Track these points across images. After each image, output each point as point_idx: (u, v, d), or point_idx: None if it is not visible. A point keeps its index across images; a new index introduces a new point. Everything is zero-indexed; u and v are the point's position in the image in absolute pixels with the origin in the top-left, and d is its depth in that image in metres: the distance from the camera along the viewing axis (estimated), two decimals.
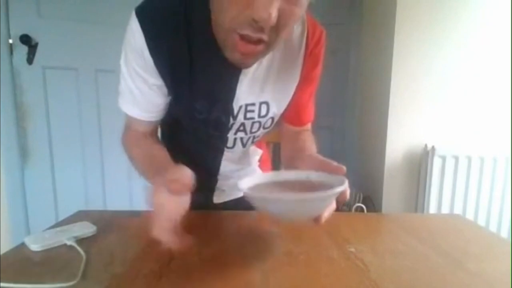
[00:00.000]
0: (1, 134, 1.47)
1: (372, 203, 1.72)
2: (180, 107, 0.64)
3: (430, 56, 1.56)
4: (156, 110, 0.64)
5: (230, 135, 0.69)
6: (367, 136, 1.92)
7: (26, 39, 1.45)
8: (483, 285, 0.41)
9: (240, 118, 0.65)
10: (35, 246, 0.48)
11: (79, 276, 0.40)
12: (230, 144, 0.72)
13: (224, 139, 0.70)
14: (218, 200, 0.82)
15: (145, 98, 0.60)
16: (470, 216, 1.56)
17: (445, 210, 1.57)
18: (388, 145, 1.63)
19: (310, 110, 0.74)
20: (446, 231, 0.60)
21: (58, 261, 0.45)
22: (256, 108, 0.65)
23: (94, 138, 1.66)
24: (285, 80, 0.65)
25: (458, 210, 1.57)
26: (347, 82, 2.12)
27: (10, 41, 1.46)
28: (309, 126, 0.77)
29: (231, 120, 0.65)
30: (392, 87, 1.58)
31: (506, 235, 1.60)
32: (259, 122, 0.68)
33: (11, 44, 1.46)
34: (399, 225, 0.63)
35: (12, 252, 0.48)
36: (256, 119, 0.66)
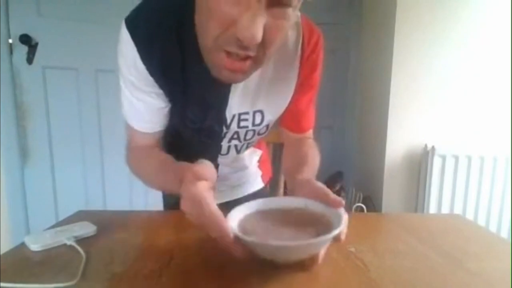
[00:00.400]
0: (1, 134, 1.47)
1: (372, 203, 1.72)
2: (173, 116, 0.63)
3: (430, 56, 1.56)
4: (159, 119, 0.62)
5: (224, 143, 0.69)
6: (367, 136, 1.92)
7: (26, 39, 1.45)
8: (483, 284, 0.41)
9: (233, 126, 0.64)
10: (35, 246, 0.48)
11: (79, 276, 0.40)
12: (224, 151, 0.71)
13: (218, 147, 0.70)
14: (216, 201, 0.82)
15: (146, 108, 0.59)
16: (470, 216, 1.56)
17: (445, 210, 1.57)
18: (388, 145, 1.63)
19: (310, 116, 0.73)
20: (446, 231, 0.60)
21: (58, 261, 0.45)
22: (249, 116, 0.64)
23: (94, 138, 1.66)
24: (280, 87, 0.63)
25: (458, 210, 1.57)
26: (347, 82, 2.12)
27: (10, 40, 1.46)
28: (310, 133, 0.75)
29: (224, 129, 0.64)
30: (392, 87, 1.58)
31: (506, 235, 1.60)
32: (253, 130, 0.67)
33: (11, 44, 1.46)
34: (399, 225, 0.62)
35: (12, 252, 0.48)
36: (250, 127, 0.65)
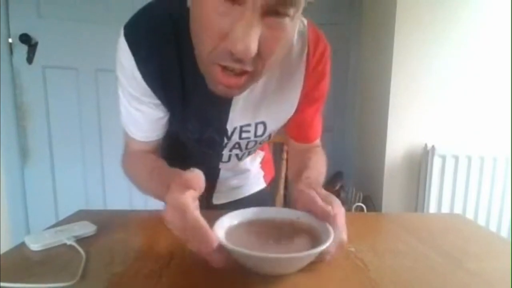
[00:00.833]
0: (1, 134, 1.47)
1: (372, 203, 1.72)
2: (173, 124, 0.62)
3: (430, 56, 1.56)
4: (156, 129, 0.61)
5: (225, 152, 0.68)
6: (367, 136, 1.92)
7: (26, 39, 1.45)
8: (483, 284, 0.41)
9: (235, 138, 0.63)
10: (35, 246, 0.48)
11: (79, 276, 0.40)
12: (225, 159, 0.71)
13: (219, 155, 0.69)
14: (217, 202, 0.82)
15: (144, 118, 0.58)
16: (470, 215, 1.56)
17: (445, 209, 1.57)
18: (388, 145, 1.63)
19: (317, 126, 0.71)
20: (446, 231, 0.60)
21: (58, 260, 0.45)
22: (252, 128, 0.62)
23: (94, 138, 1.66)
24: (283, 99, 0.61)
25: (458, 210, 1.57)
26: (347, 82, 2.12)
27: (10, 40, 1.46)
28: (317, 142, 0.74)
29: (225, 140, 0.64)
30: (392, 87, 1.58)
31: (506, 234, 1.60)
32: (255, 141, 0.66)
33: (11, 44, 1.46)
34: (399, 224, 0.62)
35: (12, 252, 0.48)
36: (252, 138, 0.64)
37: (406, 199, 1.67)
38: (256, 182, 0.89)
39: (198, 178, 0.40)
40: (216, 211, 0.68)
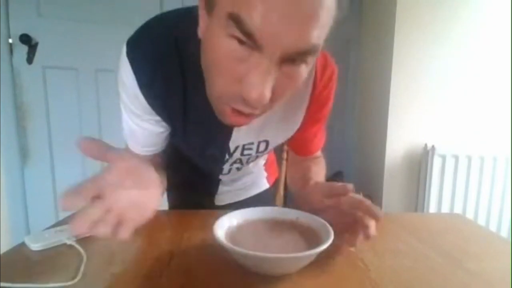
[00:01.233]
0: (1, 134, 1.47)
1: (372, 203, 1.72)
2: (174, 138, 0.62)
3: (430, 56, 1.56)
4: (156, 144, 0.61)
5: (226, 166, 0.68)
6: (367, 136, 1.92)
7: (26, 39, 1.45)
8: (483, 284, 0.41)
9: (236, 155, 0.63)
10: (35, 246, 0.48)
11: (79, 276, 0.40)
12: (225, 172, 0.71)
13: (219, 169, 0.70)
14: (219, 203, 0.82)
15: (144, 134, 0.58)
16: (470, 215, 1.56)
17: (445, 209, 1.57)
18: (388, 145, 1.63)
19: (319, 141, 0.71)
20: (446, 231, 0.60)
21: (58, 260, 0.45)
22: (254, 146, 0.62)
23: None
24: (288, 120, 0.60)
25: (458, 210, 1.57)
26: (347, 82, 2.12)
27: (10, 40, 1.46)
28: (318, 153, 0.74)
29: (226, 157, 0.64)
30: (392, 87, 1.58)
31: (506, 234, 1.60)
32: (257, 156, 0.66)
33: (11, 44, 1.46)
34: (399, 224, 0.62)
35: (12, 252, 0.48)
36: (253, 154, 0.65)
37: (406, 199, 1.67)
38: (259, 183, 0.89)
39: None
40: (217, 211, 0.68)
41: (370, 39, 1.89)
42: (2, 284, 0.37)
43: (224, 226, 0.43)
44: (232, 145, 0.60)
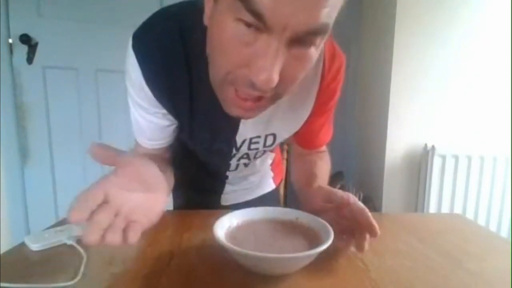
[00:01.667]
0: (1, 134, 1.47)
1: (372, 203, 1.72)
2: (181, 132, 0.62)
3: (430, 56, 1.56)
4: (163, 138, 0.61)
5: (233, 162, 0.68)
6: (367, 136, 1.92)
7: (26, 39, 1.45)
8: (483, 284, 0.41)
9: (243, 149, 0.63)
10: (35, 246, 0.48)
11: (79, 276, 0.40)
12: (232, 168, 0.71)
13: (226, 165, 0.70)
14: (225, 202, 0.82)
15: (150, 127, 0.58)
16: (470, 215, 1.56)
17: (445, 209, 1.57)
18: (388, 145, 1.63)
19: (325, 134, 0.70)
20: (446, 231, 0.60)
21: (58, 260, 0.45)
22: (261, 140, 0.62)
23: (94, 138, 1.66)
24: (296, 112, 0.60)
25: (458, 210, 1.57)
26: (347, 82, 2.11)
27: (10, 40, 1.46)
28: (323, 147, 0.73)
29: (233, 151, 0.63)
30: (392, 86, 1.58)
31: (506, 234, 1.60)
32: (264, 150, 0.66)
33: (11, 44, 1.46)
34: (399, 224, 0.63)
35: (12, 252, 0.48)
36: (261, 149, 0.64)
37: (406, 199, 1.67)
38: (266, 184, 0.88)
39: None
40: (217, 211, 0.69)
41: (370, 39, 1.89)
42: (2, 284, 0.37)
43: (224, 226, 0.43)
44: (239, 138, 0.60)
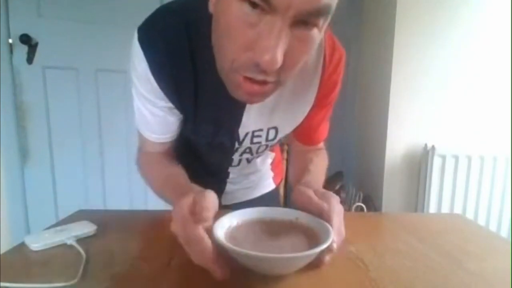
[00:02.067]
0: (1, 134, 1.47)
1: (372, 203, 1.72)
2: (185, 127, 0.62)
3: (430, 56, 1.56)
4: (168, 131, 0.61)
5: (235, 157, 0.69)
6: (367, 136, 1.92)
7: (26, 39, 1.45)
8: (483, 284, 0.41)
9: (246, 143, 0.63)
10: (35, 246, 0.48)
11: (79, 276, 0.40)
12: (235, 163, 0.71)
13: (229, 160, 0.70)
14: (226, 202, 0.82)
15: (156, 120, 0.59)
16: (470, 215, 1.56)
17: (445, 209, 1.57)
18: (388, 144, 1.63)
19: (323, 130, 0.71)
20: (446, 231, 0.60)
21: (58, 260, 0.45)
22: (263, 133, 0.62)
23: (94, 138, 1.66)
24: (297, 105, 0.60)
25: (458, 210, 1.57)
26: (347, 82, 2.12)
27: (10, 40, 1.46)
28: (321, 144, 0.74)
29: (236, 145, 0.64)
30: (392, 86, 1.58)
31: (506, 234, 1.60)
32: (266, 145, 0.66)
33: (11, 44, 1.46)
34: (399, 224, 0.63)
35: (12, 252, 0.48)
36: (263, 143, 0.65)
37: (406, 199, 1.67)
38: (266, 183, 0.89)
39: (213, 200, 0.41)
40: (218, 210, 0.68)
41: (370, 39, 1.89)
42: (2, 284, 0.38)
43: (224, 226, 0.43)
44: (241, 131, 0.61)
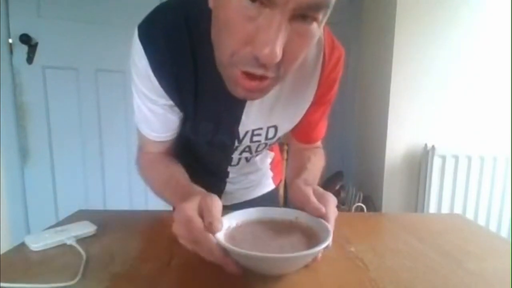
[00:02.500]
0: (1, 134, 1.47)
1: (372, 203, 1.72)
2: (185, 126, 0.62)
3: (430, 56, 1.56)
4: (168, 129, 0.61)
5: (235, 156, 0.68)
6: (367, 136, 1.92)
7: (26, 39, 1.45)
8: (483, 284, 0.41)
9: (246, 141, 0.63)
10: (35, 246, 0.48)
11: (79, 276, 0.40)
12: (234, 163, 0.71)
13: (228, 159, 0.70)
14: (226, 203, 0.82)
15: (157, 118, 0.58)
16: (470, 215, 1.56)
17: (445, 209, 1.57)
18: (388, 145, 1.63)
19: (321, 128, 0.71)
20: (446, 231, 0.60)
21: (58, 260, 0.45)
22: (263, 132, 0.62)
23: (94, 138, 1.66)
24: (296, 104, 0.61)
25: (458, 210, 1.57)
26: (347, 82, 2.12)
27: (10, 40, 1.46)
28: (319, 143, 0.74)
29: (236, 143, 0.64)
30: (392, 86, 1.58)
31: (506, 234, 1.60)
32: (266, 144, 0.66)
33: (11, 44, 1.46)
34: (399, 224, 0.63)
35: (12, 252, 0.48)
36: (262, 141, 0.65)
37: (406, 199, 1.67)
38: (265, 183, 0.89)
39: (217, 204, 0.41)
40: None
41: (370, 39, 1.89)
42: (2, 284, 0.38)
43: (223, 227, 0.43)
44: (241, 130, 0.61)
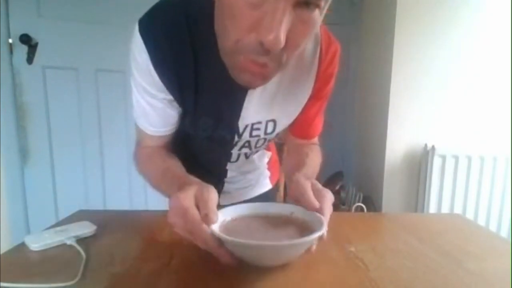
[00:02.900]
0: (1, 134, 1.47)
1: (372, 203, 1.72)
2: (184, 121, 0.62)
3: (430, 56, 1.56)
4: (167, 124, 0.61)
5: (234, 151, 0.69)
6: (367, 136, 1.92)
7: (26, 39, 1.45)
8: (483, 284, 0.41)
9: (245, 136, 0.64)
10: (35, 246, 0.48)
11: (79, 276, 0.40)
12: (233, 159, 0.71)
13: (227, 154, 0.70)
14: (224, 202, 0.82)
15: (156, 113, 0.59)
16: (470, 215, 1.56)
17: (445, 209, 1.57)
18: (388, 145, 1.63)
19: (318, 124, 0.72)
20: (446, 231, 0.60)
21: (58, 260, 0.45)
22: (262, 126, 0.63)
23: (94, 138, 1.66)
24: (294, 98, 0.62)
25: (458, 210, 1.57)
26: (347, 82, 2.12)
27: (10, 40, 1.46)
28: (315, 139, 0.75)
29: (236, 138, 0.64)
30: (392, 87, 1.58)
31: (506, 234, 1.60)
32: (265, 139, 0.67)
33: (11, 44, 1.46)
34: (399, 224, 0.63)
35: (12, 252, 0.48)
36: (262, 136, 0.65)
37: (406, 199, 1.67)
38: (263, 183, 0.89)
39: (213, 194, 0.42)
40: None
41: (370, 39, 1.89)
42: (2, 284, 0.38)
43: (218, 221, 0.43)
44: (241, 124, 0.61)
